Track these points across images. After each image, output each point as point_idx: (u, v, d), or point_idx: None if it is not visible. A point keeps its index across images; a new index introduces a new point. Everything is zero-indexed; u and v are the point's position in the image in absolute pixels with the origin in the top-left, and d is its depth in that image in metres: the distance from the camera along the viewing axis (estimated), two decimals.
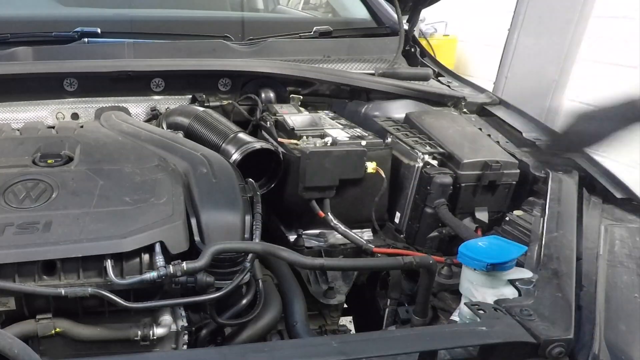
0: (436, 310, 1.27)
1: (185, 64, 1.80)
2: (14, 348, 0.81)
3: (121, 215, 1.10)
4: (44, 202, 1.13)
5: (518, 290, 1.04)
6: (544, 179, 1.42)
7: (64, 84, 1.70)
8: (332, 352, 0.83)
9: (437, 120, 1.67)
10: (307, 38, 2.02)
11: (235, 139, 1.50)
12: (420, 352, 0.86)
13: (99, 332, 1.07)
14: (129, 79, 1.74)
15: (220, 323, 1.18)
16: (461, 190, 1.45)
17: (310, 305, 1.38)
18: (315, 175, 1.40)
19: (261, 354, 0.83)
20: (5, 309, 1.03)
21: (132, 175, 1.24)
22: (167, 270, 1.02)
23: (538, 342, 0.89)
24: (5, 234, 1.03)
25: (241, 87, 1.85)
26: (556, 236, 1.18)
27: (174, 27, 2.10)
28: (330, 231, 1.50)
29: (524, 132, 1.65)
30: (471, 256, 1.05)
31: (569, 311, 0.96)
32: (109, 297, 1.01)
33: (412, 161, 1.49)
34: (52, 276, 1.03)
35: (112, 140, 1.42)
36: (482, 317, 0.94)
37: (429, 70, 2.02)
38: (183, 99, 1.81)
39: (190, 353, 1.01)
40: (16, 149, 1.34)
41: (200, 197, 1.19)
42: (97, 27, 1.87)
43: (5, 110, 1.67)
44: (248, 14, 2.57)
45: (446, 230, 1.46)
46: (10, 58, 1.69)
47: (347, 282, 1.51)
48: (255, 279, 1.23)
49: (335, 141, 1.45)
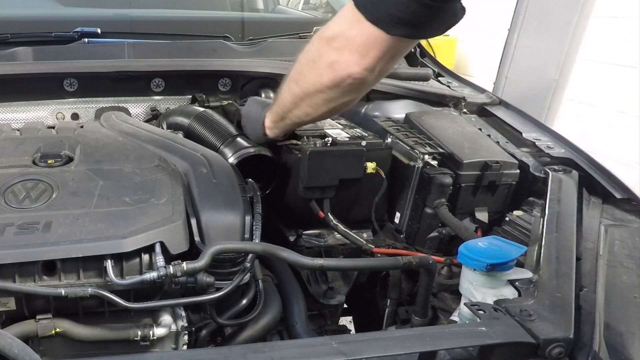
0: (436, 310, 1.27)
1: (185, 64, 1.80)
2: (14, 348, 0.81)
3: (121, 215, 1.10)
4: (44, 203, 1.13)
5: (518, 291, 1.04)
6: (544, 179, 1.42)
7: (64, 84, 1.70)
8: (332, 352, 0.83)
9: (437, 121, 1.67)
10: (307, 38, 2.02)
11: (233, 142, 1.50)
12: (420, 352, 0.86)
13: (99, 332, 1.07)
14: (129, 79, 1.74)
15: (220, 323, 1.18)
16: (461, 190, 1.45)
17: (310, 305, 1.38)
18: (315, 175, 1.40)
19: (261, 354, 0.83)
20: (5, 309, 1.03)
21: (132, 175, 1.24)
22: (167, 270, 1.02)
23: (538, 342, 0.89)
24: (5, 234, 1.03)
25: (241, 87, 1.85)
26: (556, 236, 1.18)
27: (174, 27, 2.11)
28: (330, 231, 1.50)
29: (524, 132, 1.65)
30: (471, 256, 1.05)
31: (569, 311, 0.96)
32: (109, 297, 1.01)
33: (412, 161, 1.49)
34: (52, 276, 1.03)
35: (112, 140, 1.43)
36: (482, 317, 0.94)
37: (429, 70, 2.02)
38: (183, 99, 1.81)
39: (190, 353, 1.01)
40: (16, 149, 1.34)
41: (200, 197, 1.20)
42: (97, 27, 1.87)
43: (5, 110, 1.67)
44: (248, 14, 2.57)
45: (446, 230, 1.46)
46: (10, 58, 1.69)
47: (347, 282, 1.51)
48: (255, 279, 1.23)
49: (335, 141, 1.45)
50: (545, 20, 4.55)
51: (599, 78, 4.29)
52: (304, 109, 1.32)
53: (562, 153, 1.54)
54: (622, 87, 4.10)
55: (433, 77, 2.02)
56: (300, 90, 1.29)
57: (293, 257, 1.10)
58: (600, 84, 4.28)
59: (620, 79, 4.11)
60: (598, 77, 4.30)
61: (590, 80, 4.37)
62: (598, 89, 4.31)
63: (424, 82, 1.96)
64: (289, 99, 1.33)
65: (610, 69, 4.21)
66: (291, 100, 1.33)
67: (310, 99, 1.28)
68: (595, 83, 4.33)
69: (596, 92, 4.32)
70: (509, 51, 4.85)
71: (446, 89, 1.93)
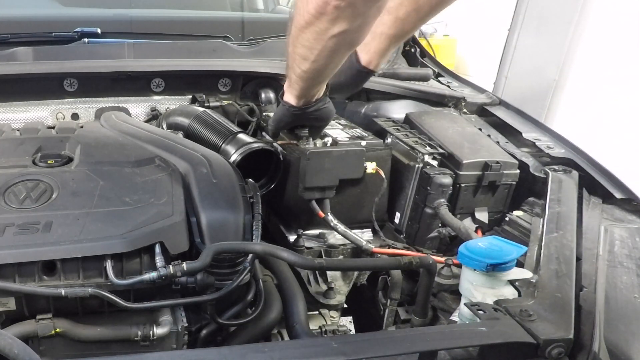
0: (436, 310, 1.27)
1: (185, 64, 1.80)
2: (14, 348, 0.81)
3: (121, 215, 1.10)
4: (44, 203, 1.13)
5: (518, 291, 1.04)
6: (544, 179, 1.42)
7: (64, 84, 1.70)
8: (332, 352, 0.83)
9: (437, 121, 1.68)
10: None
11: (235, 139, 1.50)
12: (420, 352, 0.86)
13: (99, 332, 1.07)
14: (129, 79, 1.74)
15: (220, 323, 1.18)
16: (461, 190, 1.46)
17: (310, 305, 1.38)
18: (315, 176, 1.40)
19: (261, 354, 0.83)
20: (6, 309, 1.03)
21: (132, 175, 1.24)
22: (167, 270, 1.03)
23: (538, 342, 0.89)
24: (6, 234, 1.03)
25: (241, 87, 1.85)
26: (556, 236, 1.18)
27: (174, 27, 2.11)
28: (330, 231, 1.50)
29: (524, 132, 1.65)
30: (471, 256, 1.05)
31: (569, 311, 0.96)
32: (109, 297, 1.01)
33: (412, 161, 1.49)
34: (52, 276, 1.03)
35: (112, 140, 1.42)
36: (482, 317, 0.94)
37: (429, 70, 2.02)
38: (183, 99, 1.81)
39: (190, 353, 1.01)
40: (16, 149, 1.34)
41: (200, 197, 1.20)
42: (97, 27, 1.87)
43: (5, 111, 1.67)
44: (248, 14, 2.57)
45: (446, 230, 1.46)
46: (10, 58, 1.69)
47: (347, 282, 1.51)
48: (256, 279, 1.23)
49: (335, 141, 1.45)
50: (545, 20, 4.55)
51: (599, 78, 4.29)
52: (299, 51, 1.20)
53: (562, 153, 1.54)
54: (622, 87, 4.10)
55: (433, 77, 2.02)
56: (293, 27, 1.17)
57: (293, 258, 1.10)
58: (600, 84, 4.28)
59: (620, 79, 4.11)
60: (598, 77, 4.30)
61: (590, 80, 4.37)
62: (598, 89, 4.30)
63: (424, 82, 1.96)
64: (288, 42, 1.22)
65: (610, 69, 4.20)
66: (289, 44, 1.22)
67: (303, 37, 1.15)
68: (595, 83, 4.33)
69: (596, 92, 4.32)
70: (509, 51, 4.84)
71: (446, 89, 1.93)
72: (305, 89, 1.31)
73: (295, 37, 1.17)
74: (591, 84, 4.38)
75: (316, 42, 1.15)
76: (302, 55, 1.20)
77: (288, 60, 1.27)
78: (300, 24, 1.14)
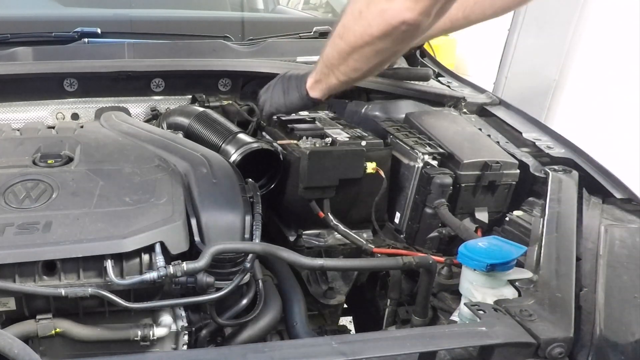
0: (436, 310, 1.27)
1: (185, 64, 1.80)
2: (14, 348, 0.82)
3: (121, 215, 1.10)
4: (44, 203, 1.13)
5: (518, 291, 1.04)
6: (544, 179, 1.42)
7: (64, 84, 1.70)
8: (332, 352, 0.83)
9: (437, 121, 1.67)
10: (307, 38, 2.02)
11: (235, 139, 1.50)
12: (420, 352, 0.86)
13: (99, 332, 1.07)
14: (129, 79, 1.74)
15: (220, 323, 1.18)
16: (461, 190, 1.45)
17: (310, 305, 1.38)
18: (315, 175, 1.40)
19: (261, 354, 0.83)
20: (5, 309, 1.03)
21: (132, 175, 1.24)
22: (167, 270, 1.03)
23: (538, 342, 0.89)
24: (6, 234, 1.03)
25: (241, 87, 1.85)
26: (556, 236, 1.18)
27: (174, 27, 2.10)
28: (330, 231, 1.50)
29: (524, 132, 1.65)
30: (471, 256, 1.05)
31: (569, 311, 0.96)
32: (109, 297, 1.01)
33: (412, 161, 1.49)
34: (52, 276, 1.03)
35: (112, 140, 1.43)
36: (482, 317, 0.94)
37: (429, 70, 2.02)
38: (183, 99, 1.81)
39: (190, 353, 1.01)
40: (16, 149, 1.34)
41: (200, 197, 1.20)
42: (97, 27, 1.87)
43: (5, 110, 1.67)
44: (248, 14, 2.57)
45: (446, 230, 1.46)
46: (10, 58, 1.69)
47: (347, 282, 1.51)
48: (256, 279, 1.23)
49: (335, 141, 1.45)
50: (545, 20, 4.55)
51: (598, 78, 4.29)
52: (351, 64, 1.23)
53: (562, 153, 1.54)
54: (622, 87, 4.10)
55: (433, 77, 2.02)
56: (346, 44, 1.20)
57: (293, 257, 1.10)
58: (600, 84, 4.28)
59: (620, 79, 4.11)
60: (598, 77, 4.30)
61: (590, 80, 4.37)
62: (598, 89, 4.30)
63: (424, 82, 1.95)
64: (335, 55, 1.25)
65: (610, 69, 4.20)
66: (337, 57, 1.25)
67: (358, 53, 1.19)
68: (595, 83, 4.33)
69: (596, 92, 4.32)
70: (509, 51, 4.84)
71: (446, 89, 1.93)
72: (340, 88, 1.36)
73: (349, 53, 1.21)
74: (591, 84, 4.38)
75: (375, 57, 1.20)
76: (355, 67, 1.24)
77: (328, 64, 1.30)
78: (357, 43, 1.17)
